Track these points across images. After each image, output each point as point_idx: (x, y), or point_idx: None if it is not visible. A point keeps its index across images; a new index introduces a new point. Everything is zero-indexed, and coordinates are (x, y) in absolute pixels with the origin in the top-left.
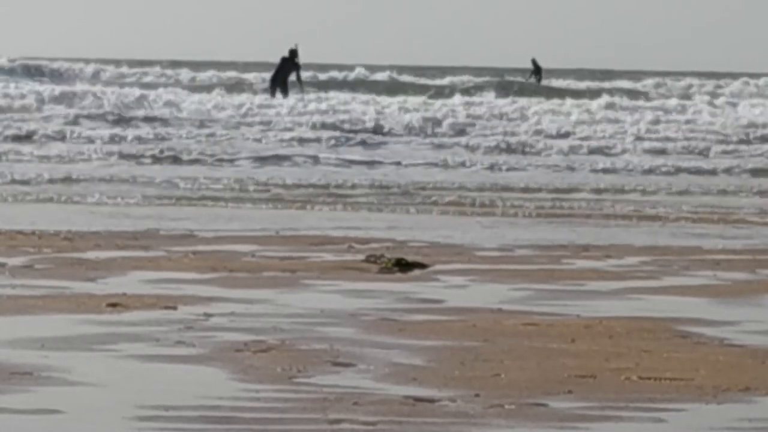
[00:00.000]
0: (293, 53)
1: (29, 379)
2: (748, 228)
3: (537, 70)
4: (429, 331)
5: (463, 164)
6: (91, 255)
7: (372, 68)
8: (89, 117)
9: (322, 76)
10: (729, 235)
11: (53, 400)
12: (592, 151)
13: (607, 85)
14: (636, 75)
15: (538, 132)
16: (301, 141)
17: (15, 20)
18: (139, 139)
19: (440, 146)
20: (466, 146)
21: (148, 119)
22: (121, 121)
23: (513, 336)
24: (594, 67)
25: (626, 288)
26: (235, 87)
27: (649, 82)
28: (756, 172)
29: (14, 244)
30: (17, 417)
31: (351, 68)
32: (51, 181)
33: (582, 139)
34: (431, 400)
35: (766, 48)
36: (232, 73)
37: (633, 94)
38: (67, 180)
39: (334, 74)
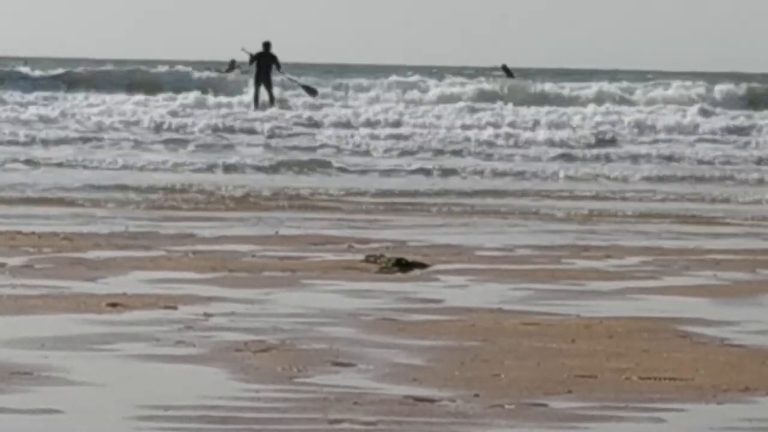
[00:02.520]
0: (267, 45)
1: (29, 379)
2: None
3: (508, 75)
4: (429, 331)
5: None
6: (91, 255)
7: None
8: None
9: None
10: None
11: (53, 399)
12: None
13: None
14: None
15: None
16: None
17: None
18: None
19: None
20: None
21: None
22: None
23: (513, 336)
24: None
25: (626, 288)
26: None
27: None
28: None
29: (14, 244)
30: (17, 417)
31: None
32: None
33: None
34: (431, 400)
35: None
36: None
37: None
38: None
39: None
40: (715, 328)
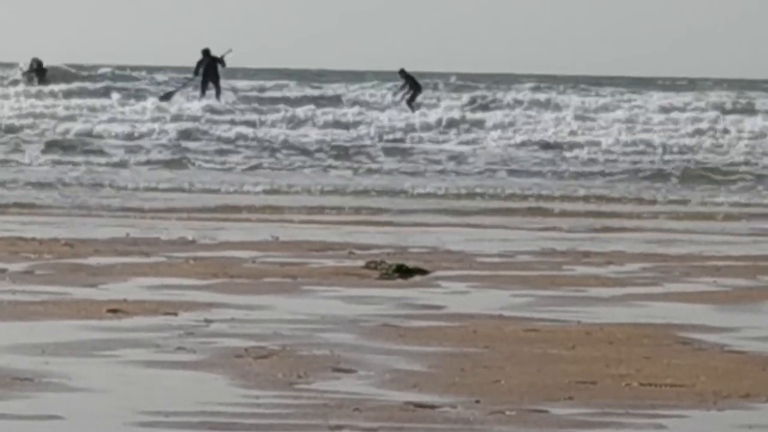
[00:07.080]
0: (207, 52)
1: (30, 385)
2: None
3: (413, 83)
4: (429, 337)
5: None
6: (92, 261)
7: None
8: None
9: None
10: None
11: (54, 405)
12: None
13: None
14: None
15: None
16: None
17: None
18: None
19: None
20: None
21: None
22: None
23: (514, 342)
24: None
25: (627, 294)
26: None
27: None
28: None
29: (15, 250)
30: (18, 423)
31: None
32: None
33: None
34: (432, 406)
35: None
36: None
37: None
38: None
39: None
40: (716, 334)
